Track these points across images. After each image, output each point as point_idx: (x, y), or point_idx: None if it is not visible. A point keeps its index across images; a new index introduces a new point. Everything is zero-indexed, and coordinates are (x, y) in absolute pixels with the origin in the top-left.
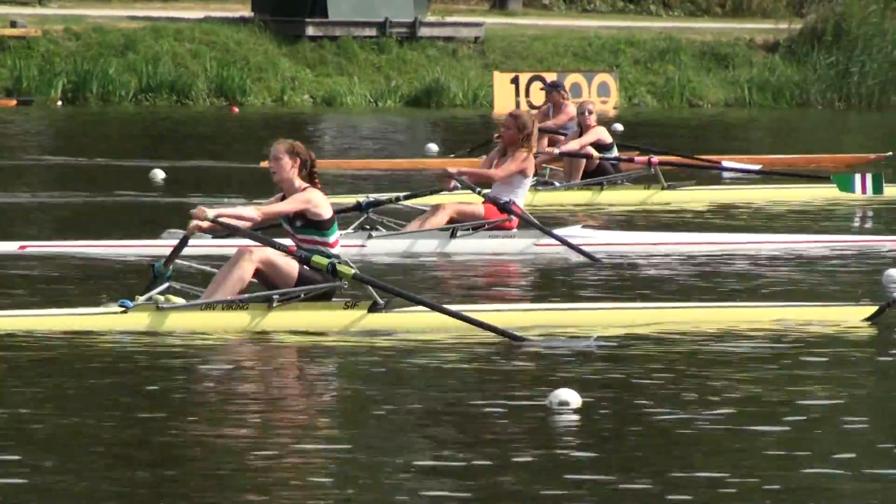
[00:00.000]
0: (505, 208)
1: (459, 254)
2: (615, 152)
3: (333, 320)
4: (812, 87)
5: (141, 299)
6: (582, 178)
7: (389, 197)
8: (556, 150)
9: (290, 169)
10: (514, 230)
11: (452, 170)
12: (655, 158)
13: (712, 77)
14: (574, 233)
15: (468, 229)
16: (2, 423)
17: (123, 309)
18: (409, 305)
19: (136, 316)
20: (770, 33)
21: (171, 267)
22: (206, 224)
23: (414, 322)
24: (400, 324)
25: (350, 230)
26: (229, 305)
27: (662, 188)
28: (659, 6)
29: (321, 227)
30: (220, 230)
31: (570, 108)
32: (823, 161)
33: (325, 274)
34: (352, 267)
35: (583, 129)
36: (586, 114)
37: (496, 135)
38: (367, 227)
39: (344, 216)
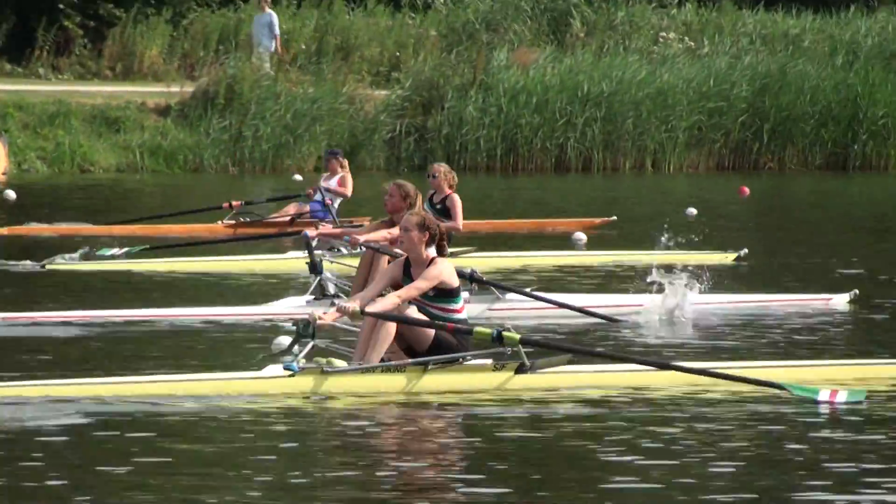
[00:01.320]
0: (473, 278)
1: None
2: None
3: (483, 382)
4: (205, 151)
5: (302, 362)
6: None
7: (347, 233)
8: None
9: (419, 243)
10: (471, 295)
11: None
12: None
13: (104, 141)
14: (522, 298)
15: None
16: (183, 488)
17: (290, 373)
18: (553, 367)
19: (302, 380)
20: (162, 96)
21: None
22: (346, 319)
23: (560, 382)
24: (546, 384)
25: (309, 295)
26: (388, 369)
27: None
28: (48, 69)
29: (451, 294)
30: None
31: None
32: (554, 224)
33: (473, 339)
34: (516, 333)
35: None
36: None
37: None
38: (331, 293)
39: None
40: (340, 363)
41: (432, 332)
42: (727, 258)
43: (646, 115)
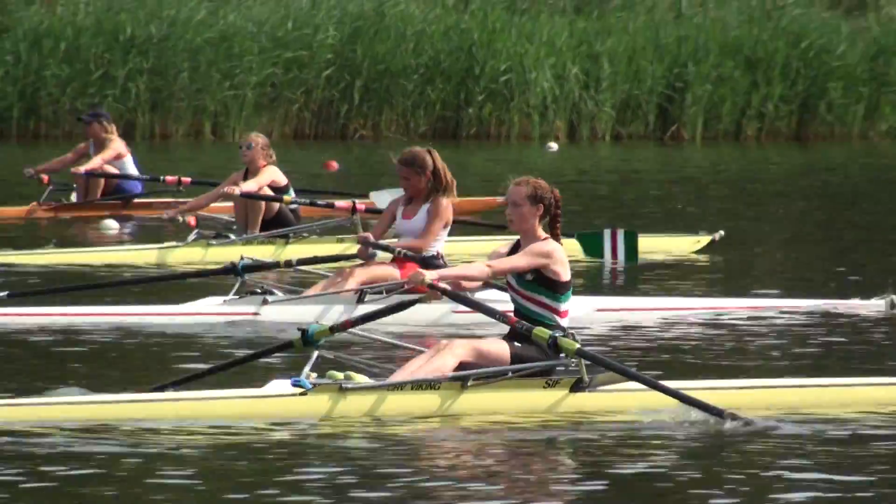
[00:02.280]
0: (430, 263)
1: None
2: (291, 194)
3: (532, 401)
4: None
5: (313, 377)
6: (261, 229)
7: (278, 261)
8: (237, 191)
9: (531, 218)
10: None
11: (370, 239)
12: (361, 205)
13: None
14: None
15: (380, 292)
16: None
17: (301, 390)
18: (614, 384)
19: (317, 398)
20: None
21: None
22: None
23: (621, 403)
24: (605, 405)
25: (233, 295)
26: (419, 386)
27: None
28: None
29: (556, 288)
30: (435, 296)
31: (118, 144)
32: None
33: (544, 349)
34: (576, 341)
35: (248, 170)
36: (245, 149)
37: None
38: (259, 290)
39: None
40: (362, 378)
41: (507, 356)
42: (698, 242)
43: (205, 66)
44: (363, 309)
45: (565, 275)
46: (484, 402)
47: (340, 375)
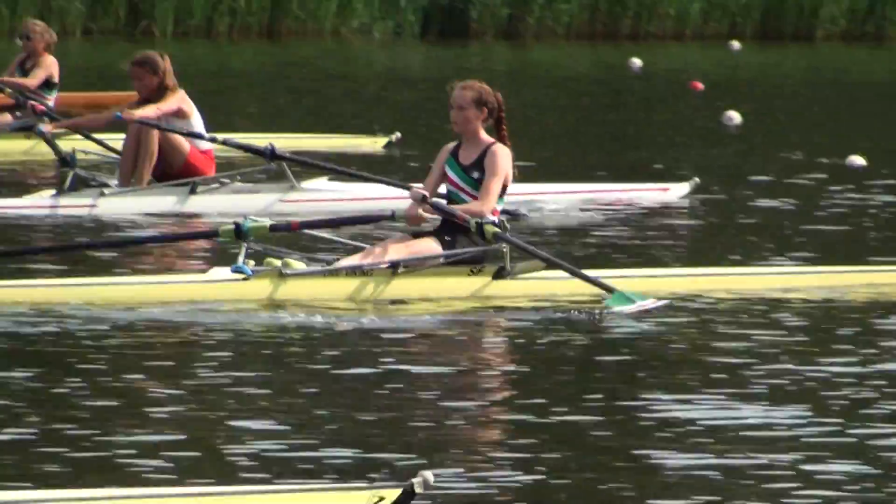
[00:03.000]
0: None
1: (202, 212)
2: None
3: (457, 287)
4: None
5: (251, 264)
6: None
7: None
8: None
9: (475, 121)
10: (262, 183)
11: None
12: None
13: None
14: (322, 186)
15: (214, 182)
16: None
17: (244, 276)
18: (533, 272)
19: (258, 283)
20: None
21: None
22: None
23: (539, 289)
24: (525, 291)
25: (66, 188)
26: (353, 272)
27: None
28: None
29: (502, 192)
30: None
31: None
32: None
33: (473, 240)
34: (501, 227)
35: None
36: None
37: None
38: (93, 182)
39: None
40: (299, 265)
41: (438, 245)
42: (376, 143)
43: None
44: (196, 200)
45: (511, 178)
46: (413, 287)
47: (278, 262)
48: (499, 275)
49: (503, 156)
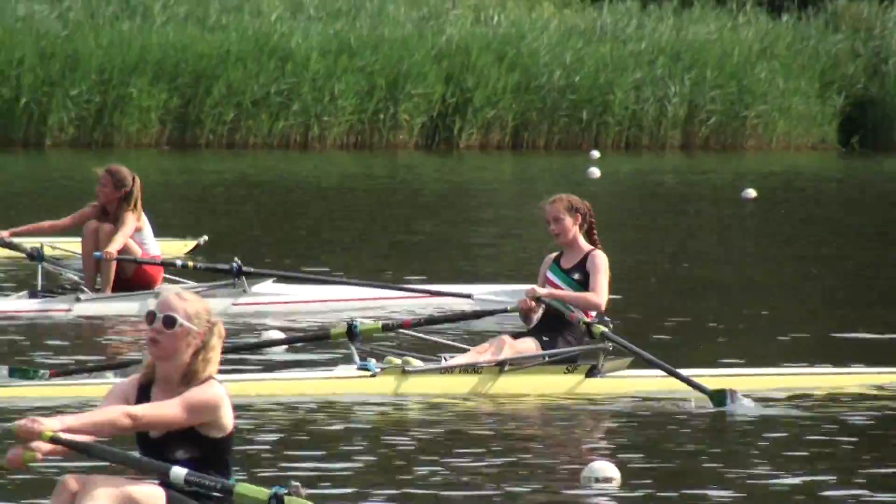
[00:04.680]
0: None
1: None
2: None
3: (556, 384)
4: None
5: (373, 361)
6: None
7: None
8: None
9: (572, 227)
10: (217, 289)
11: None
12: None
13: None
14: (269, 289)
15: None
16: None
17: (370, 373)
18: (618, 370)
19: (384, 379)
20: None
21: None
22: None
23: (630, 387)
24: (616, 389)
25: (25, 293)
26: (465, 369)
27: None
28: None
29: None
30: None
31: None
32: None
33: (569, 340)
34: (606, 326)
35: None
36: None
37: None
38: (68, 286)
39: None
40: (417, 363)
41: (537, 344)
42: (186, 246)
43: None
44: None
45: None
46: (518, 383)
47: (397, 360)
48: (591, 373)
49: (603, 259)
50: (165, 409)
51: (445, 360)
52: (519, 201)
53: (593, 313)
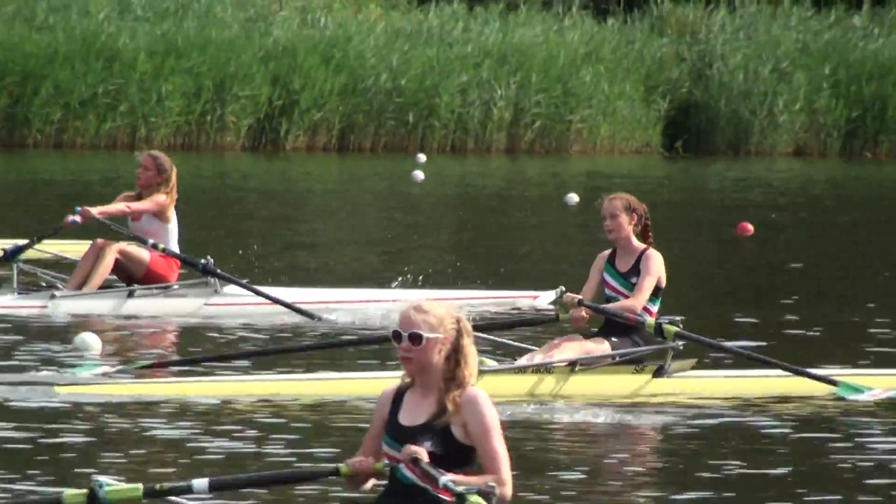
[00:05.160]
0: (206, 270)
1: (141, 315)
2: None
3: (625, 384)
4: None
5: None
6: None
7: (29, 239)
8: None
9: (627, 226)
10: (189, 289)
11: (94, 210)
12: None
13: None
14: (240, 291)
15: (151, 290)
16: None
17: None
18: (682, 371)
19: None
20: None
21: None
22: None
23: (695, 387)
24: (682, 388)
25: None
26: (538, 369)
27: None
28: None
29: (657, 293)
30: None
31: None
32: None
33: (636, 341)
34: (677, 325)
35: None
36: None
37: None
38: (44, 284)
39: None
40: (492, 363)
41: (607, 345)
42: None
43: None
44: (133, 304)
45: (664, 280)
46: (588, 383)
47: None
48: (658, 373)
49: (657, 259)
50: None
51: (516, 360)
52: (344, 204)
53: (655, 308)
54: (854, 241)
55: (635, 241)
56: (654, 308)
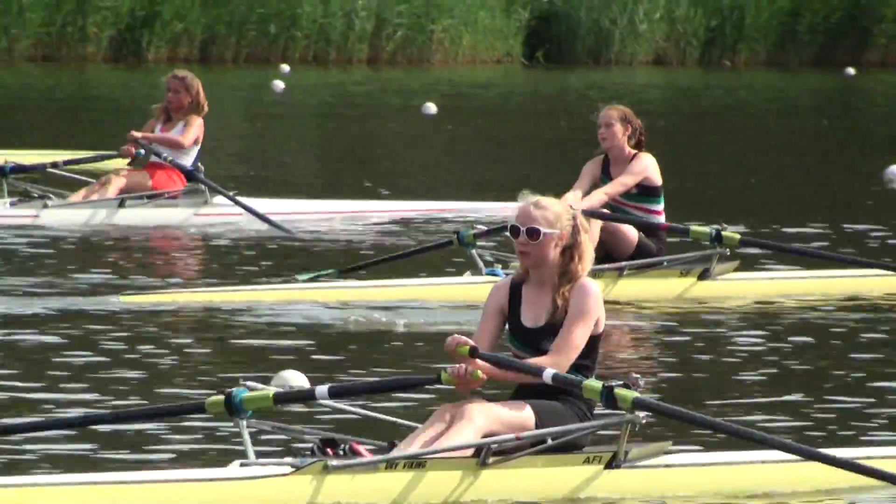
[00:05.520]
0: (193, 176)
1: (131, 226)
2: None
3: (671, 288)
4: None
5: (497, 268)
6: None
7: (45, 162)
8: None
9: (622, 137)
10: (179, 199)
11: (137, 134)
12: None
13: None
14: (228, 201)
15: (142, 198)
16: None
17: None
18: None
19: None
20: None
21: None
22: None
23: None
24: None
25: (6, 199)
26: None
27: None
28: None
29: (655, 193)
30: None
31: None
32: None
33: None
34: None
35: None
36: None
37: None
38: (36, 195)
39: None
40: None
41: (635, 239)
42: None
43: None
44: (124, 214)
45: (659, 180)
46: (636, 287)
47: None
48: (703, 276)
49: (642, 160)
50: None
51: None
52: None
53: (658, 208)
54: (714, 150)
55: (628, 149)
56: (657, 208)
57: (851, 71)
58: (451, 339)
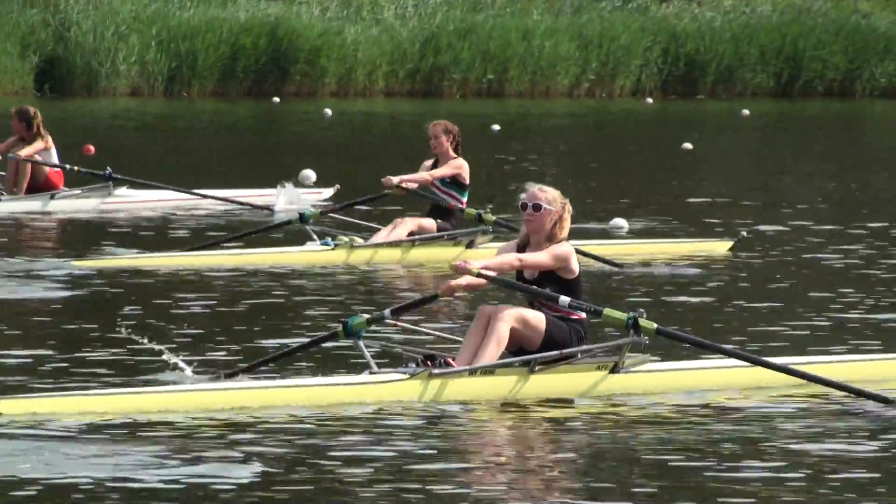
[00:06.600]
0: (111, 178)
1: (61, 210)
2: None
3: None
4: None
5: (327, 239)
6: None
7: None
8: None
9: (446, 144)
10: (78, 190)
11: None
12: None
13: None
14: (127, 193)
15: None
16: None
17: (330, 247)
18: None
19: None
20: None
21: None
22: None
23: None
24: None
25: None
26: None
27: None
28: None
29: (463, 187)
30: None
31: None
32: None
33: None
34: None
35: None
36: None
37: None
38: (346, 237)
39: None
40: (359, 239)
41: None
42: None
43: None
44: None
45: (467, 178)
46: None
47: (346, 238)
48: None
49: (457, 162)
50: (539, 257)
51: (372, 237)
52: None
53: (463, 198)
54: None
55: (451, 153)
56: (462, 198)
57: (277, 99)
58: (459, 264)
